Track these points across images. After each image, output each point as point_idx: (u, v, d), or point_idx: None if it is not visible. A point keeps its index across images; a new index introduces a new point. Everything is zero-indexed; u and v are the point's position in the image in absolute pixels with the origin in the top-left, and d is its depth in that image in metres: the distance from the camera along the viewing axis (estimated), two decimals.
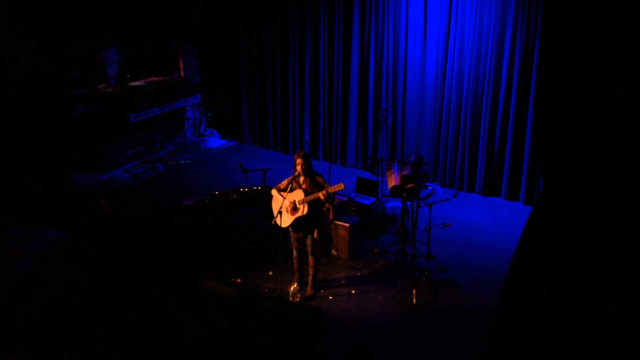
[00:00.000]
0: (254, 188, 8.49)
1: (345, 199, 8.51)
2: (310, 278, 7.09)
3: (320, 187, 6.65)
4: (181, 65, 12.14)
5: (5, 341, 5.60)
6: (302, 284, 7.17)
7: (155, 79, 11.80)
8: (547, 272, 3.52)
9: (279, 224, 6.78)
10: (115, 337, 5.61)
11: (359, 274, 7.58)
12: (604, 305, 3.26)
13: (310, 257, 6.97)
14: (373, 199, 8.53)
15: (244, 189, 8.49)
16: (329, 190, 6.54)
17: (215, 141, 12.45)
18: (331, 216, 7.72)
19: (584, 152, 3.74)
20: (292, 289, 7.03)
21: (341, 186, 6.53)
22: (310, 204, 6.66)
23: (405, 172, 8.30)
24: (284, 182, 6.84)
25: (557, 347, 3.32)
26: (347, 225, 7.77)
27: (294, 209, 6.72)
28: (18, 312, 6.03)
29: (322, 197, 6.53)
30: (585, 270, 3.39)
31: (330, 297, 7.10)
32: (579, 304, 3.34)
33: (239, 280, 7.29)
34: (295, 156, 6.75)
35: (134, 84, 11.38)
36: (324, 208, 6.93)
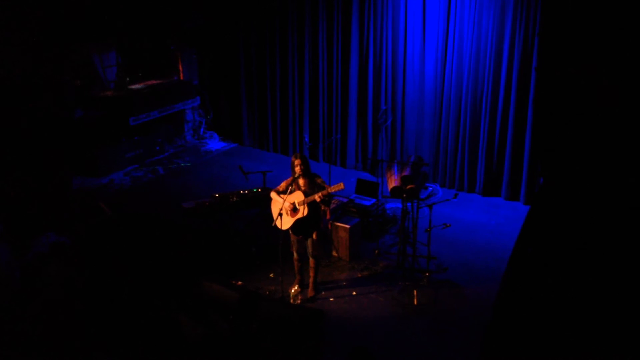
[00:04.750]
0: (254, 190, 8.49)
1: (345, 200, 8.51)
2: (311, 280, 7.08)
3: (319, 188, 6.65)
4: (180, 68, 12.16)
5: (6, 344, 5.60)
6: (303, 286, 7.17)
7: (154, 82, 11.81)
8: (544, 272, 3.52)
9: (279, 226, 6.78)
10: (116, 340, 5.60)
11: (359, 275, 7.57)
12: (602, 306, 3.26)
13: (310, 259, 6.97)
14: (373, 200, 8.53)
15: (244, 191, 8.48)
16: (329, 190, 6.54)
17: (215, 144, 12.46)
18: (328, 216, 7.70)
19: (584, 151, 3.73)
20: (293, 290, 7.02)
21: (341, 186, 6.52)
22: (310, 205, 6.66)
23: (405, 173, 8.30)
24: (283, 184, 6.84)
25: (554, 349, 3.32)
26: (347, 226, 7.77)
27: (294, 210, 6.72)
28: (18, 315, 6.03)
29: (318, 199, 6.54)
30: (583, 271, 3.39)
31: (331, 299, 7.09)
32: (577, 305, 3.34)
33: (239, 282, 7.29)
34: (293, 158, 6.75)
35: (133, 87, 11.39)
36: (321, 209, 6.93)
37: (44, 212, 8.02)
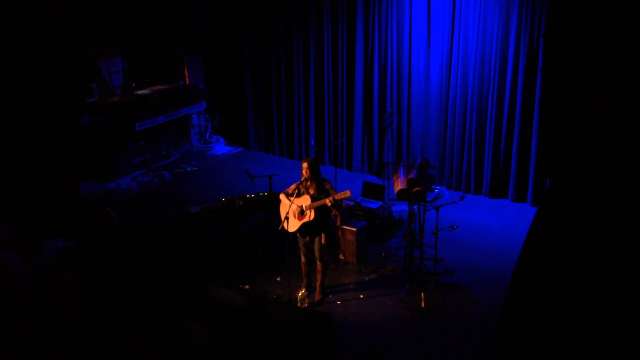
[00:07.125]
0: (261, 194, 8.50)
1: (352, 203, 8.51)
2: (318, 283, 7.08)
3: (326, 193, 6.64)
4: (186, 72, 12.19)
5: (15, 349, 5.63)
6: (310, 290, 7.17)
7: (160, 87, 11.85)
8: (551, 275, 3.50)
9: (286, 228, 6.78)
10: (124, 345, 5.62)
11: (367, 279, 7.57)
12: (610, 309, 3.24)
13: (318, 262, 6.97)
14: (380, 203, 8.52)
15: (250, 195, 8.49)
16: (335, 197, 6.53)
17: (221, 148, 12.49)
18: (339, 222, 7.72)
19: (591, 152, 3.72)
20: (300, 294, 7.03)
21: (347, 193, 6.51)
22: (317, 210, 6.66)
23: (411, 176, 8.28)
24: (292, 187, 6.85)
25: (562, 351, 3.31)
26: (354, 229, 7.77)
27: (301, 213, 6.73)
28: (27, 320, 6.06)
29: (328, 204, 6.54)
30: (591, 274, 3.38)
31: (339, 302, 7.09)
32: (585, 308, 3.32)
33: (247, 286, 7.30)
34: (302, 161, 6.78)
35: (139, 92, 11.43)
36: (332, 214, 6.93)
37: (52, 217, 8.05)
